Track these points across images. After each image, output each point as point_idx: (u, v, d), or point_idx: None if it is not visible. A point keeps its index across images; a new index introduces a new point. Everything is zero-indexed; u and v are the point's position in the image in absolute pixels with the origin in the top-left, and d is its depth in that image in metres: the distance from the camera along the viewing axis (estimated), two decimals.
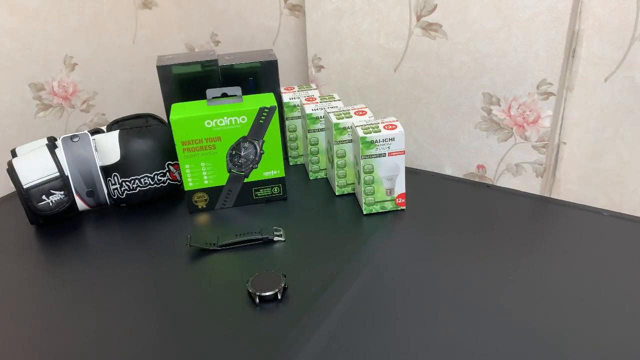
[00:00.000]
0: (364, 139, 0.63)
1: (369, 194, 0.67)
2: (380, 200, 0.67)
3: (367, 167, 0.65)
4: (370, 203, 0.67)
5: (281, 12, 0.91)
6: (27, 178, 0.67)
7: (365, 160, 0.64)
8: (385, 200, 0.67)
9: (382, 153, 0.64)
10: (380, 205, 0.68)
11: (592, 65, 0.66)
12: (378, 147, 0.64)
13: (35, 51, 0.83)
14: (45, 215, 0.68)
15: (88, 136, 0.70)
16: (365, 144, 0.63)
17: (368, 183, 0.66)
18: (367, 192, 0.66)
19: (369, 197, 0.67)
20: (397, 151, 0.64)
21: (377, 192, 0.67)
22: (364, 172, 0.65)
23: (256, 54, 0.80)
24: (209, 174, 0.69)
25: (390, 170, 0.65)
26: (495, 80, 0.71)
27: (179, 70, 0.75)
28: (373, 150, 0.64)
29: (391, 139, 0.63)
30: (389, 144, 0.64)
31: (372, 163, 0.65)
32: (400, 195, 0.68)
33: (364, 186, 0.66)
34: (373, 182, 0.66)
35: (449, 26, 0.72)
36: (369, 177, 0.65)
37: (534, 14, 0.66)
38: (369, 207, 0.67)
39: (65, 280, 0.59)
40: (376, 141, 0.63)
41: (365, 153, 0.64)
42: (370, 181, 0.66)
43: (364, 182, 0.66)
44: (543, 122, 0.70)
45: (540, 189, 0.74)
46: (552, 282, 0.54)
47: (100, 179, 0.70)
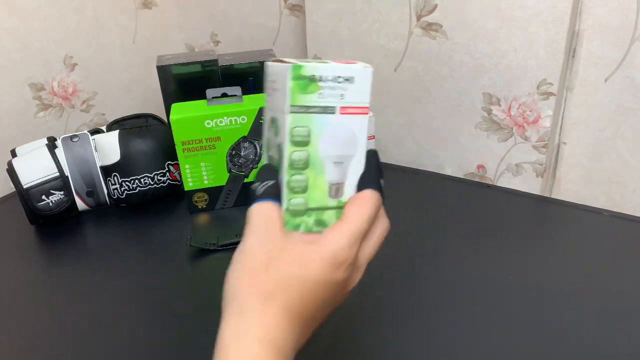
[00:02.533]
0: (299, 72, 0.35)
1: (297, 192, 0.36)
2: (316, 205, 0.37)
3: (299, 133, 0.36)
4: (296, 211, 0.36)
5: (281, 12, 0.91)
6: (27, 178, 0.66)
7: (297, 117, 0.35)
8: (325, 208, 0.37)
9: (329, 107, 0.36)
10: (314, 216, 0.37)
11: (592, 65, 0.66)
12: (323, 92, 0.35)
13: (35, 51, 0.83)
14: (45, 215, 0.68)
15: (88, 136, 0.70)
16: (300, 82, 0.35)
17: (297, 167, 0.36)
18: (292, 186, 0.36)
19: (296, 197, 0.36)
20: (356, 107, 0.36)
21: (312, 189, 0.37)
22: (292, 144, 0.36)
23: (256, 54, 0.80)
24: (209, 174, 0.69)
25: (341, 145, 0.37)
26: (495, 80, 0.71)
27: (178, 70, 0.75)
28: (312, 98, 0.35)
29: (347, 80, 0.36)
30: (342, 89, 0.36)
31: (308, 124, 0.36)
32: None
33: (288, 173, 0.36)
34: (307, 167, 0.36)
35: (449, 26, 0.72)
36: (300, 155, 0.36)
37: (534, 13, 0.66)
38: (294, 218, 0.36)
39: (65, 280, 0.59)
40: (320, 79, 0.35)
41: (297, 102, 0.35)
42: (302, 164, 0.36)
43: (289, 165, 0.36)
44: (543, 122, 0.70)
45: (540, 189, 0.74)
46: (551, 282, 0.54)
47: (100, 179, 0.70)
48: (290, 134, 0.36)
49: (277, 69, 0.37)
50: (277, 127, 0.38)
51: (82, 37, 0.89)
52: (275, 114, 0.38)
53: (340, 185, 0.38)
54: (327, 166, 0.37)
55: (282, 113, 0.36)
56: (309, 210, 0.37)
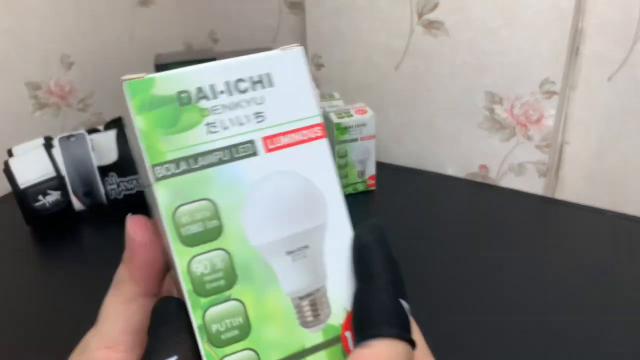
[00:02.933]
0: (147, 93, 0.20)
1: (230, 341, 0.21)
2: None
3: (191, 217, 0.21)
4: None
5: (281, 10, 0.91)
6: (23, 178, 0.66)
7: (174, 185, 0.21)
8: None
9: (240, 144, 0.22)
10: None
11: (595, 64, 0.65)
12: (216, 118, 0.22)
13: (32, 50, 0.82)
14: (42, 215, 0.67)
15: (85, 136, 0.69)
16: (156, 112, 0.21)
17: (213, 290, 0.21)
18: (216, 332, 0.21)
19: (233, 352, 0.20)
20: (295, 129, 0.23)
21: (260, 324, 0.22)
22: (183, 245, 0.21)
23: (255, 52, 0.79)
24: None
25: (290, 214, 0.24)
26: (498, 79, 0.71)
27: None
28: (195, 137, 0.22)
29: (259, 82, 0.22)
30: (256, 103, 0.22)
31: (205, 194, 0.22)
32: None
33: (198, 309, 0.22)
34: (233, 283, 0.22)
35: (451, 24, 0.72)
36: (210, 261, 0.22)
37: (536, 12, 0.65)
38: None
39: (63, 281, 0.59)
40: (201, 94, 0.22)
41: (164, 155, 0.22)
42: (221, 280, 0.22)
43: (193, 289, 0.22)
44: (546, 121, 0.69)
45: (543, 189, 0.74)
46: (554, 282, 0.53)
47: (97, 179, 0.69)
48: (171, 225, 0.19)
49: (124, 105, 0.20)
50: (155, 217, 0.21)
51: (79, 35, 0.88)
52: (146, 194, 0.22)
53: (317, 295, 0.20)
54: (278, 264, 0.20)
55: (148, 187, 0.20)
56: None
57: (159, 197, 0.19)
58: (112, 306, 0.22)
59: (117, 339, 0.21)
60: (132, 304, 0.21)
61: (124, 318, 0.21)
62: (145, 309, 0.21)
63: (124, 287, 0.22)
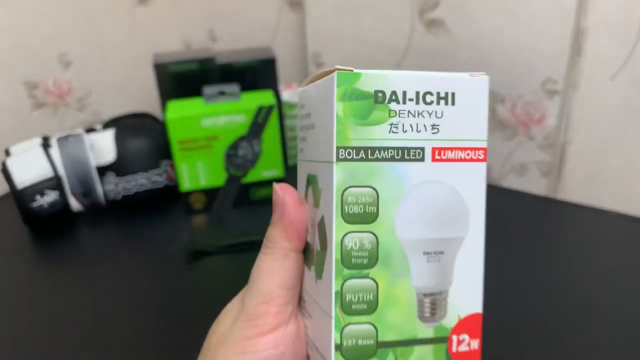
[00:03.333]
0: (351, 85, 0.21)
1: (357, 312, 0.21)
2: (396, 338, 0.22)
3: (356, 198, 0.21)
4: (358, 349, 0.21)
5: (280, 8, 0.90)
6: (21, 178, 0.65)
7: (351, 168, 0.21)
8: (414, 342, 0.22)
9: (413, 148, 0.21)
10: (393, 358, 0.22)
11: (597, 63, 0.65)
12: (399, 121, 0.21)
13: (30, 49, 0.82)
14: (40, 216, 0.66)
15: (83, 135, 0.69)
16: (355, 103, 0.21)
17: (355, 265, 0.21)
18: (348, 301, 0.21)
19: (356, 321, 0.21)
20: (463, 147, 0.22)
21: (387, 306, 0.22)
22: (343, 221, 0.21)
23: (255, 51, 0.79)
24: (206, 174, 0.68)
25: (438, 220, 0.22)
26: (499, 78, 0.70)
27: (175, 68, 0.74)
28: (379, 133, 0.21)
29: (442, 99, 0.21)
30: (436, 117, 0.21)
31: (372, 182, 0.21)
32: (469, 323, 0.23)
33: (339, 277, 0.21)
34: (374, 264, 0.21)
35: (452, 23, 0.71)
36: (360, 240, 0.21)
37: (538, 10, 0.65)
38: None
39: (60, 282, 0.58)
40: (394, 97, 0.21)
41: (350, 141, 0.21)
42: (365, 259, 0.21)
43: (340, 259, 0.21)
44: (548, 121, 0.69)
45: (545, 189, 0.73)
46: (556, 282, 0.53)
47: (95, 179, 0.69)
48: (339, 202, 0.21)
49: (311, 92, 0.23)
50: (316, 189, 0.23)
51: (77, 34, 0.87)
52: (312, 169, 0.23)
53: (439, 297, 0.22)
54: (414, 260, 0.22)
55: (324, 163, 0.22)
56: (382, 347, 0.22)
57: (335, 175, 0.21)
58: (266, 264, 0.24)
59: (274, 294, 0.23)
60: (286, 259, 0.24)
61: (279, 274, 0.24)
62: (298, 264, 0.24)
63: (276, 245, 0.24)
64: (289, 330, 0.24)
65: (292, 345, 0.24)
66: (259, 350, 0.23)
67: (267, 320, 0.23)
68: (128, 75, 0.96)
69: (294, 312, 0.24)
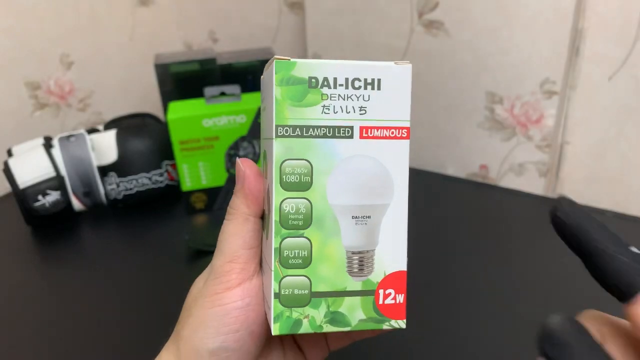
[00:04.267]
0: (288, 72, 0.24)
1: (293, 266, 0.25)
2: (328, 289, 0.25)
3: (293, 169, 0.24)
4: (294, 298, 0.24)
5: (280, 10, 0.90)
6: (23, 178, 0.66)
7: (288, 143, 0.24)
8: (344, 293, 0.25)
9: (342, 127, 0.24)
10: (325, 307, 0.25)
11: (595, 64, 0.65)
12: (331, 103, 0.24)
13: (31, 50, 0.82)
14: (42, 215, 0.67)
15: (84, 136, 0.69)
16: (292, 88, 0.24)
17: (292, 226, 0.24)
18: (285, 257, 0.24)
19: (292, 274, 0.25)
20: (388, 127, 0.25)
21: (319, 261, 0.25)
22: (282, 188, 0.24)
23: (255, 52, 0.79)
24: (207, 174, 0.68)
25: (364, 189, 0.25)
26: (498, 78, 0.71)
27: (176, 69, 0.74)
28: (313, 113, 0.24)
29: (370, 84, 0.24)
30: (363, 99, 0.25)
31: (307, 156, 0.24)
32: (394, 280, 0.26)
33: (277, 235, 0.24)
34: (307, 225, 0.25)
35: (451, 24, 0.71)
36: (296, 205, 0.24)
37: (536, 11, 0.65)
38: (290, 310, 0.25)
39: (62, 281, 0.59)
40: (326, 82, 0.24)
41: (287, 120, 0.24)
42: (300, 220, 0.24)
43: (278, 221, 0.24)
44: (546, 121, 0.69)
45: (543, 189, 0.73)
46: (555, 282, 0.53)
47: (97, 179, 0.69)
48: (277, 172, 0.24)
49: (265, 79, 0.26)
50: (265, 163, 0.26)
51: (79, 35, 0.88)
52: (265, 145, 0.27)
53: (366, 256, 0.25)
54: (344, 223, 0.24)
55: (269, 139, 0.25)
56: (315, 297, 0.24)
57: (274, 149, 0.24)
58: (229, 228, 0.27)
59: (237, 253, 0.26)
60: (247, 223, 0.27)
61: (241, 235, 0.26)
62: (257, 227, 0.27)
63: (238, 211, 0.27)
64: (253, 284, 0.27)
65: (256, 296, 0.26)
66: (226, 302, 0.26)
67: (232, 276, 0.26)
68: (129, 75, 0.97)
69: (257, 269, 0.27)
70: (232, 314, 0.26)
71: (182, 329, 0.28)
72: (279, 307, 0.24)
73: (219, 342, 0.26)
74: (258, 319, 0.26)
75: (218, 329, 0.26)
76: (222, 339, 0.26)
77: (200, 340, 0.26)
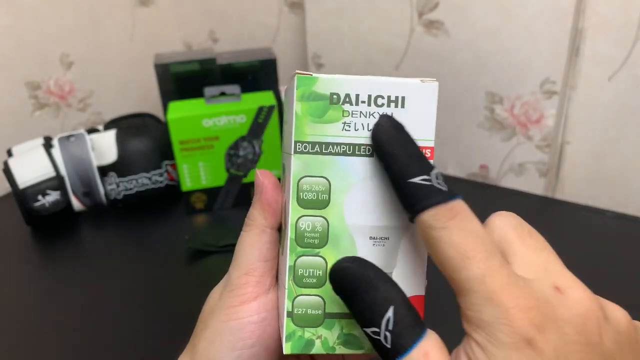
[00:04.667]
0: (309, 88, 0.23)
1: (307, 285, 0.24)
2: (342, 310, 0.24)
3: (310, 187, 0.24)
4: (307, 318, 0.24)
5: (280, 9, 0.90)
6: (23, 178, 0.66)
7: (306, 160, 0.24)
8: None
9: (362, 144, 0.24)
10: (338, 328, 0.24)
11: (595, 64, 0.65)
12: (351, 120, 0.24)
13: (31, 49, 0.82)
14: (42, 215, 0.67)
15: (84, 136, 0.69)
16: (312, 104, 0.23)
17: (307, 244, 0.24)
18: (300, 275, 0.24)
19: (306, 294, 0.24)
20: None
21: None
22: (299, 205, 0.24)
23: (255, 52, 0.79)
24: (207, 174, 0.68)
25: (382, 209, 0.24)
26: (498, 78, 0.71)
27: (176, 69, 0.74)
28: (333, 130, 0.24)
29: (393, 102, 0.24)
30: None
31: (325, 173, 0.24)
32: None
33: (293, 253, 0.24)
34: (323, 245, 0.24)
35: (451, 24, 0.71)
36: (312, 224, 0.24)
37: (536, 12, 0.65)
38: (303, 330, 0.24)
39: (62, 281, 0.58)
40: (347, 99, 0.24)
41: (306, 136, 0.24)
42: (316, 239, 0.24)
43: (294, 238, 0.24)
44: (546, 121, 0.69)
45: (543, 189, 0.73)
46: None
47: (96, 179, 0.69)
48: (295, 189, 0.23)
49: (286, 92, 0.26)
50: (284, 177, 0.26)
51: (79, 35, 0.88)
52: (284, 159, 0.26)
53: None
54: (361, 244, 0.24)
55: (288, 154, 0.24)
56: (329, 318, 0.24)
57: (292, 165, 0.23)
58: (246, 239, 0.26)
59: (253, 265, 0.26)
60: (263, 235, 0.26)
61: (258, 247, 0.26)
62: (273, 239, 0.26)
63: (255, 222, 0.26)
64: (269, 298, 0.26)
65: (272, 311, 0.26)
66: (242, 317, 0.25)
67: (248, 289, 0.26)
68: (129, 75, 0.97)
69: (273, 282, 0.27)
70: (248, 329, 0.25)
71: (197, 342, 0.27)
72: (291, 327, 0.24)
73: (234, 357, 0.25)
74: (274, 334, 0.26)
75: (234, 343, 0.25)
76: (237, 354, 0.25)
77: (216, 354, 0.26)
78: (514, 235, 0.23)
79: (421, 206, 0.20)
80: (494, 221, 0.23)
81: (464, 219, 0.20)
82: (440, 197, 0.20)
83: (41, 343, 0.50)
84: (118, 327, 0.51)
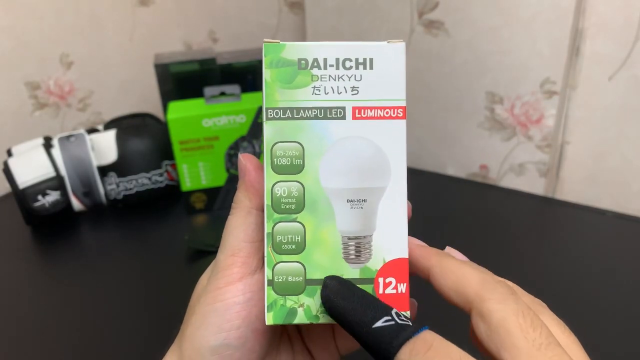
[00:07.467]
0: (278, 55, 0.24)
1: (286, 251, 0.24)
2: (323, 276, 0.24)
3: (284, 152, 0.24)
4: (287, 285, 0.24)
5: (280, 9, 0.90)
6: (22, 178, 0.66)
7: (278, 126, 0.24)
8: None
9: (334, 107, 0.24)
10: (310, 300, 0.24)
11: (596, 64, 0.65)
12: (321, 84, 0.24)
13: (31, 49, 0.82)
14: (42, 215, 0.67)
15: (84, 136, 0.69)
16: (281, 70, 0.24)
17: (284, 210, 0.24)
18: (278, 242, 0.24)
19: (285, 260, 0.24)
20: (382, 106, 0.24)
21: (314, 247, 0.24)
22: (273, 171, 0.24)
23: (255, 52, 0.79)
24: (207, 174, 0.68)
25: (359, 171, 0.24)
26: (498, 78, 0.71)
27: (176, 69, 0.74)
28: (303, 95, 0.24)
29: (361, 64, 0.24)
30: (355, 80, 0.24)
31: (298, 138, 0.24)
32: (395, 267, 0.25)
33: (270, 220, 0.24)
34: (300, 209, 0.24)
35: (451, 24, 0.71)
36: (287, 189, 0.24)
37: (536, 11, 0.65)
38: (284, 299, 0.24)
39: (62, 281, 0.58)
40: (315, 64, 0.24)
41: (277, 102, 0.24)
42: (292, 204, 0.24)
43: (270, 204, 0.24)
44: (546, 121, 0.69)
45: (543, 189, 0.73)
46: (554, 282, 0.53)
47: (96, 179, 0.69)
48: (268, 155, 0.23)
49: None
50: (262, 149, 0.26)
51: (79, 35, 0.88)
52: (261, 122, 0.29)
53: (363, 241, 0.24)
54: (338, 207, 0.23)
55: (262, 122, 0.24)
56: (310, 284, 0.23)
57: (265, 131, 0.24)
58: (233, 222, 0.27)
59: (239, 246, 0.26)
60: (249, 216, 0.26)
61: (243, 229, 0.26)
62: (259, 221, 0.26)
63: (240, 204, 0.26)
64: (255, 279, 0.26)
65: (259, 292, 0.25)
66: (228, 297, 0.25)
67: (234, 270, 0.26)
68: (129, 75, 0.97)
69: (259, 264, 0.26)
70: (234, 309, 0.25)
71: (185, 329, 0.27)
72: (272, 295, 0.24)
73: (220, 340, 0.25)
74: (260, 315, 0.25)
75: (220, 325, 0.25)
76: (224, 336, 0.25)
77: (202, 338, 0.26)
78: (515, 325, 0.22)
79: (397, 343, 0.20)
80: (493, 307, 0.23)
81: (439, 347, 0.20)
82: (410, 331, 0.21)
83: (41, 343, 0.50)
84: (118, 327, 0.51)
